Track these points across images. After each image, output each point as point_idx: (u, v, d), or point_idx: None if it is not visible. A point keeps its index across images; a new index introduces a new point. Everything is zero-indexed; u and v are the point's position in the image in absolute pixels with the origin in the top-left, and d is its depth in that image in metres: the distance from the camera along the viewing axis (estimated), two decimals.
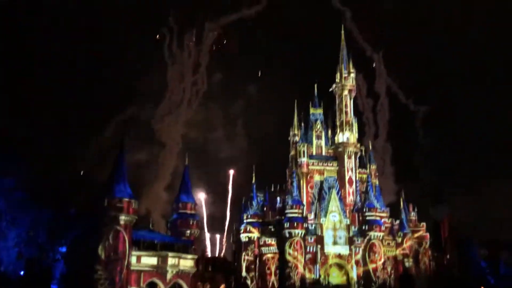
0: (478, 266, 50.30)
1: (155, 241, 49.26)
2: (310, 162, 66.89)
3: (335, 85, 70.27)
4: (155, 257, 48.10)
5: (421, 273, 60.09)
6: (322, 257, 59.77)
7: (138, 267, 47.12)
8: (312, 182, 66.36)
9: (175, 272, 48.58)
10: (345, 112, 68.78)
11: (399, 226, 65.19)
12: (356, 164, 67.69)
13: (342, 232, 61.10)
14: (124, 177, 47.96)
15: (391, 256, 62.37)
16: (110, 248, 44.86)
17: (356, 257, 60.24)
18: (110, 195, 46.21)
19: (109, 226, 45.32)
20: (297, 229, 59.05)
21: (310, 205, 64.53)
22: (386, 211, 65.76)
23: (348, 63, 70.80)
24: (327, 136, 69.58)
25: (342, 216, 61.68)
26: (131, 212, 46.72)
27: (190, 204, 56.12)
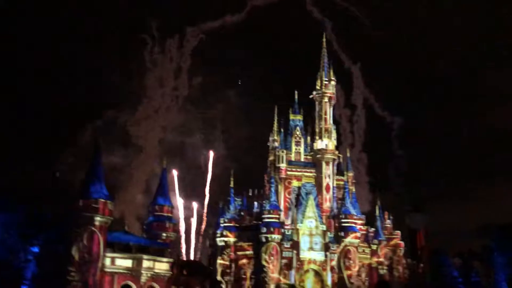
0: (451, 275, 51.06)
1: (130, 244, 48.73)
2: (289, 168, 67.09)
3: (315, 92, 70.60)
4: (130, 259, 47.56)
5: (395, 281, 60.65)
6: (298, 262, 59.82)
7: (112, 269, 46.52)
8: (290, 188, 66.49)
9: (150, 275, 48.08)
10: (325, 119, 69.15)
11: (374, 233, 65.75)
12: (334, 171, 68.11)
13: (318, 238, 61.27)
14: (100, 178, 47.39)
15: (366, 263, 62.83)
16: (84, 250, 44.28)
17: (332, 263, 60.45)
18: (86, 196, 45.62)
19: (84, 227, 44.71)
20: (274, 234, 59.03)
21: (287, 210, 64.63)
22: (362, 218, 66.30)
23: (329, 70, 71.24)
24: (306, 143, 69.88)
25: (319, 222, 61.87)
26: (107, 214, 46.16)
27: (167, 207, 55.71)
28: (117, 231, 50.74)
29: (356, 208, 65.07)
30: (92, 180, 46.72)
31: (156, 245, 51.01)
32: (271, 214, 59.99)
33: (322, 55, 72.71)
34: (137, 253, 47.96)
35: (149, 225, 54.87)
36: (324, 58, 72.15)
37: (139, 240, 50.98)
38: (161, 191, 56.47)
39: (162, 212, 54.92)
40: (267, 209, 60.56)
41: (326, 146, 67.80)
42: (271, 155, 69.77)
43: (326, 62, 71.77)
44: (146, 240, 51.52)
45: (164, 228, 54.11)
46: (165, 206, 55.43)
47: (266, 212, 60.35)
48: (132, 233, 53.71)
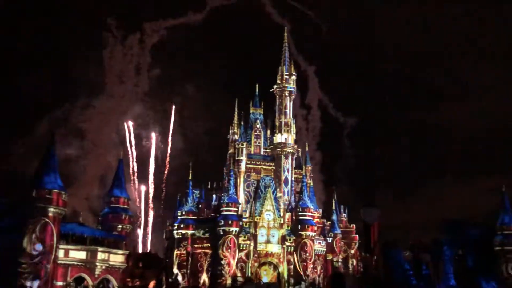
0: (402, 268, 52.52)
1: (84, 235, 47.80)
2: (248, 161, 67.24)
3: (276, 86, 70.91)
4: (84, 251, 46.67)
5: (349, 273, 61.89)
6: (255, 255, 60.15)
7: (66, 261, 45.55)
8: (249, 181, 66.71)
9: (104, 267, 47.33)
10: (284, 113, 69.58)
11: (330, 226, 66.84)
12: (293, 165, 68.74)
13: (276, 231, 61.73)
14: (54, 169, 46.19)
15: (321, 255, 63.82)
16: (37, 241, 43.13)
17: (288, 256, 61.08)
18: (39, 186, 44.40)
19: (37, 218, 43.52)
20: (232, 227, 59.09)
21: (245, 203, 64.83)
22: (318, 212, 67.29)
23: (290, 65, 71.66)
24: (265, 136, 70.19)
25: (277, 215, 62.32)
26: (61, 204, 45.07)
27: (123, 198, 54.73)
28: (71, 223, 49.69)
29: (313, 202, 65.91)
30: (46, 171, 45.49)
31: (111, 237, 50.16)
32: (229, 206, 59.98)
33: (283, 50, 73.04)
34: (92, 245, 47.14)
35: (105, 217, 53.78)
36: (285, 53, 72.48)
37: (94, 232, 50.02)
38: (117, 183, 55.40)
39: (118, 204, 53.92)
40: (225, 201, 60.49)
41: (286, 140, 68.28)
42: (231, 148, 69.72)
43: (287, 57, 72.14)
44: (101, 232, 50.58)
45: (120, 220, 53.17)
46: (121, 197, 54.43)
47: (224, 205, 60.29)
48: (86, 225, 52.68)
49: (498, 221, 55.06)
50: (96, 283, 46.86)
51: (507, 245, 53.44)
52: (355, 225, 69.55)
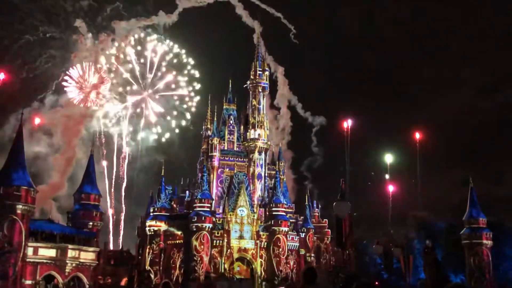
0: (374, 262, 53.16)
1: (54, 233, 46.88)
2: (221, 156, 66.94)
3: (249, 82, 70.75)
4: (53, 249, 45.80)
5: (322, 268, 62.26)
6: (228, 251, 59.96)
7: (35, 259, 44.59)
8: (222, 177, 66.43)
9: (75, 265, 46.52)
10: (258, 109, 69.48)
11: (303, 221, 67.13)
12: (266, 161, 68.76)
13: (249, 226, 61.65)
14: (22, 165, 45.09)
15: (295, 250, 64.06)
16: (5, 239, 42.13)
17: (261, 251, 61.10)
18: (7, 183, 43.27)
19: (5, 215, 42.43)
20: (205, 223, 58.73)
21: (219, 199, 64.53)
22: (291, 207, 67.52)
23: (263, 61, 71.57)
24: (239, 132, 69.96)
25: (250, 211, 62.22)
26: (30, 201, 44.05)
27: (94, 195, 53.73)
28: (40, 220, 48.63)
29: (286, 197, 66.07)
30: (14, 167, 44.36)
31: (82, 234, 49.30)
32: (202, 203, 59.58)
33: (256, 46, 72.94)
34: (62, 243, 46.28)
35: (75, 214, 52.68)
36: (258, 49, 72.37)
37: (64, 229, 49.08)
38: (88, 179, 54.36)
39: (89, 201, 52.90)
40: (198, 197, 60.07)
41: (259, 135, 68.19)
42: (204, 144, 69.28)
43: (260, 53, 72.03)
44: (71, 229, 49.64)
45: (90, 216, 52.17)
46: (92, 194, 53.41)
47: (197, 201, 59.85)
48: (56, 222, 51.63)
49: (466, 215, 56.10)
50: (66, 281, 45.99)
51: (474, 238, 54.48)
52: (327, 220, 70.03)
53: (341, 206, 14.95)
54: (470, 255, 53.85)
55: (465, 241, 54.84)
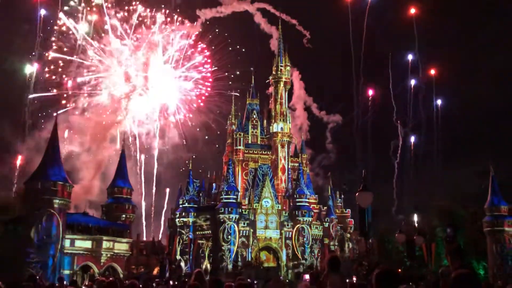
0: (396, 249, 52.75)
1: (89, 225, 47.84)
2: (246, 150, 67.21)
3: (271, 77, 70.71)
4: (89, 240, 46.76)
5: (345, 256, 62.14)
6: (254, 240, 60.33)
7: (72, 250, 45.63)
8: (247, 170, 66.72)
9: (110, 256, 47.43)
10: (280, 103, 69.42)
11: (326, 211, 66.98)
12: (289, 153, 68.73)
13: (274, 217, 61.84)
14: (58, 162, 46.03)
15: (318, 239, 64.04)
16: (43, 232, 43.08)
17: (286, 240, 61.29)
18: (44, 179, 44.26)
19: (43, 209, 43.44)
20: (231, 214, 59.18)
21: (244, 191, 64.87)
22: (315, 198, 67.41)
23: (284, 56, 71.38)
24: (262, 126, 70.09)
25: (274, 201, 62.40)
26: (66, 196, 44.96)
27: (126, 189, 54.72)
28: (76, 213, 49.66)
29: (309, 188, 65.99)
30: (51, 164, 45.32)
31: (115, 226, 50.21)
32: (228, 194, 60.04)
33: (278, 41, 72.76)
34: (97, 235, 47.19)
35: (109, 207, 53.80)
36: (280, 44, 72.21)
37: (99, 221, 50.06)
38: (120, 174, 55.37)
39: (121, 194, 53.92)
40: (225, 190, 60.54)
41: (282, 129, 68.20)
42: (229, 139, 69.67)
43: (281, 49, 71.86)
44: (105, 222, 50.62)
45: (123, 209, 53.18)
46: (124, 188, 54.41)
47: (224, 193, 60.35)
48: (91, 215, 52.70)
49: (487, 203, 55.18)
50: (101, 270, 46.93)
51: (496, 226, 53.62)
52: (350, 210, 69.75)
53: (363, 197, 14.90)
54: (492, 242, 53.00)
55: (487, 228, 54.01)
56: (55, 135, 47.37)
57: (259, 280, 35.32)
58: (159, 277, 41.80)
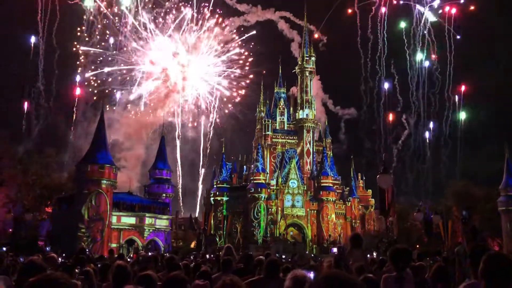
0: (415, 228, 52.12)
1: (133, 203, 48.73)
2: (274, 135, 67.10)
3: (297, 67, 70.11)
4: (133, 217, 47.64)
5: (367, 234, 61.68)
6: (282, 218, 60.50)
7: (118, 226, 46.59)
8: (275, 153, 66.70)
9: (152, 231, 48.32)
10: (306, 91, 68.83)
11: (348, 192, 66.48)
12: (314, 138, 68.30)
13: (300, 196, 61.81)
14: (105, 146, 46.85)
15: (341, 217, 63.72)
16: (93, 209, 44.09)
17: (312, 218, 61.25)
18: (93, 162, 45.20)
19: (92, 189, 44.47)
20: (261, 194, 59.43)
21: (272, 173, 64.94)
22: (338, 179, 66.93)
23: (309, 47, 70.56)
24: (289, 113, 69.78)
25: (300, 182, 62.30)
26: (112, 177, 45.84)
27: (166, 170, 55.44)
28: (122, 193, 50.64)
29: (333, 170, 65.55)
30: (98, 148, 46.18)
31: (156, 204, 51.03)
32: (258, 176, 60.27)
33: (303, 34, 71.95)
34: (140, 212, 48.08)
35: (150, 187, 54.74)
36: (305, 37, 71.40)
37: (142, 200, 50.96)
38: (160, 157, 56.12)
39: (161, 175, 54.69)
40: (254, 171, 60.77)
41: (307, 115, 67.74)
42: (258, 125, 69.68)
43: (307, 40, 71.03)
44: (147, 200, 51.50)
45: (163, 189, 54.01)
46: (164, 169, 55.15)
47: (254, 174, 60.59)
48: (135, 194, 53.70)
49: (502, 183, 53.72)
50: (145, 244, 47.92)
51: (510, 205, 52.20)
52: (371, 190, 68.95)
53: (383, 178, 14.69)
54: (506, 221, 51.67)
55: (502, 208, 52.64)
56: (102, 121, 48.18)
57: (286, 254, 35.41)
58: (195, 250, 42.42)
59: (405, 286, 4.89)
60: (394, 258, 5.08)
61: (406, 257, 5.14)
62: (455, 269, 9.12)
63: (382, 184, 15.03)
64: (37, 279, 2.37)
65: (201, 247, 48.68)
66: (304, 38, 71.15)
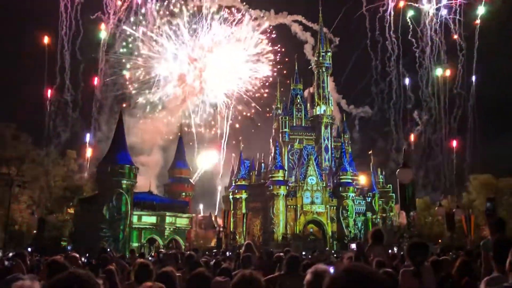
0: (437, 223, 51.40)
1: (154, 203, 49.21)
2: (291, 132, 66.89)
3: (313, 63, 69.76)
4: (154, 216, 48.11)
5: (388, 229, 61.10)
6: (301, 215, 60.34)
7: (139, 225, 47.11)
8: (292, 150, 66.50)
9: (172, 230, 48.72)
10: (322, 87, 68.45)
11: (368, 187, 65.91)
12: (332, 134, 67.86)
13: (319, 193, 61.54)
14: (124, 147, 47.43)
15: (361, 213, 63.23)
16: (114, 209, 44.67)
17: (331, 215, 60.93)
18: (113, 162, 45.77)
19: (113, 189, 45.04)
20: (280, 191, 59.36)
21: (291, 170, 64.79)
22: (357, 175, 66.40)
23: (325, 43, 70.09)
24: (306, 109, 69.45)
25: (319, 179, 62.00)
26: (132, 177, 46.42)
27: (185, 170, 56.02)
28: (142, 192, 51.17)
29: (352, 166, 65.06)
30: (118, 150, 46.74)
31: (176, 203, 51.47)
32: (276, 173, 60.20)
33: (319, 30, 71.48)
34: (160, 211, 48.50)
35: (170, 186, 55.30)
36: (320, 33, 70.93)
37: (162, 199, 51.47)
38: (179, 157, 56.68)
39: (181, 175, 55.27)
40: (273, 169, 60.72)
41: (324, 111, 67.35)
42: (275, 122, 69.55)
43: (322, 36, 70.57)
44: (167, 199, 52.00)
45: (183, 188, 54.52)
46: (183, 169, 55.76)
47: (272, 172, 60.53)
48: (155, 194, 54.21)
49: None
50: (166, 243, 48.34)
51: None
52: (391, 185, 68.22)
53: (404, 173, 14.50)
54: None
55: None
56: (120, 124, 48.77)
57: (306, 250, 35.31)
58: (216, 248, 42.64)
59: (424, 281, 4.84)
60: (411, 252, 5.05)
61: (423, 251, 5.10)
62: (478, 264, 8.99)
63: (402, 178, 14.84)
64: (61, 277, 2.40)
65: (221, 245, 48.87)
66: (320, 33, 70.71)
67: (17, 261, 6.91)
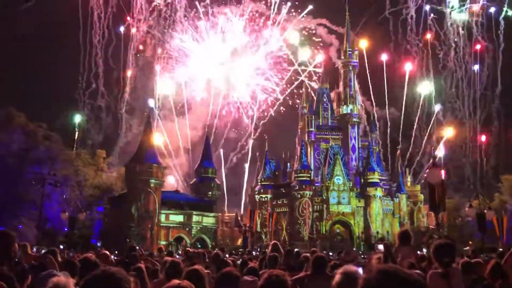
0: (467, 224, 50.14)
1: (181, 201, 49.83)
2: (317, 131, 66.42)
3: (340, 61, 69.14)
4: (181, 215, 48.73)
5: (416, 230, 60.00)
6: (328, 215, 59.87)
7: (167, 223, 47.81)
8: (319, 150, 66.04)
9: (199, 228, 49.20)
10: (349, 86, 67.74)
11: (396, 187, 64.86)
12: (359, 133, 67.08)
13: (346, 193, 60.92)
14: (152, 148, 48.22)
15: (389, 214, 62.29)
16: (142, 208, 45.41)
17: (358, 215, 60.26)
18: (141, 162, 46.55)
19: (141, 188, 45.78)
20: (306, 191, 59.07)
21: (317, 169, 64.34)
22: (384, 175, 65.43)
23: (352, 42, 69.37)
24: (332, 108, 68.86)
25: (346, 179, 61.36)
26: (160, 177, 47.16)
27: (211, 169, 56.43)
28: (169, 191, 51.84)
29: (379, 166, 64.15)
30: (146, 150, 47.53)
31: (203, 202, 51.92)
32: (302, 173, 59.92)
33: (346, 28, 70.83)
34: (188, 210, 49.01)
35: (196, 185, 55.77)
36: (347, 31, 70.25)
37: (189, 198, 52.02)
38: (206, 156, 57.11)
39: (207, 174, 55.66)
40: (299, 169, 60.45)
41: (351, 110, 66.62)
42: (301, 121, 69.23)
43: (349, 35, 69.87)
44: (194, 198, 52.49)
45: (209, 187, 54.90)
46: (209, 168, 56.14)
47: (298, 171, 60.29)
48: (182, 193, 54.82)
49: None
50: (193, 241, 48.86)
51: None
52: (419, 185, 67.01)
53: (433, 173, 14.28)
54: None
55: None
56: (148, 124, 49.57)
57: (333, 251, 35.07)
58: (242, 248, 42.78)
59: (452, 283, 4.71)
60: (437, 253, 4.86)
61: (450, 252, 4.89)
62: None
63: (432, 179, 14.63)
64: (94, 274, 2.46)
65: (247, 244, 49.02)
66: (347, 32, 70.01)
67: (49, 257, 7.11)
